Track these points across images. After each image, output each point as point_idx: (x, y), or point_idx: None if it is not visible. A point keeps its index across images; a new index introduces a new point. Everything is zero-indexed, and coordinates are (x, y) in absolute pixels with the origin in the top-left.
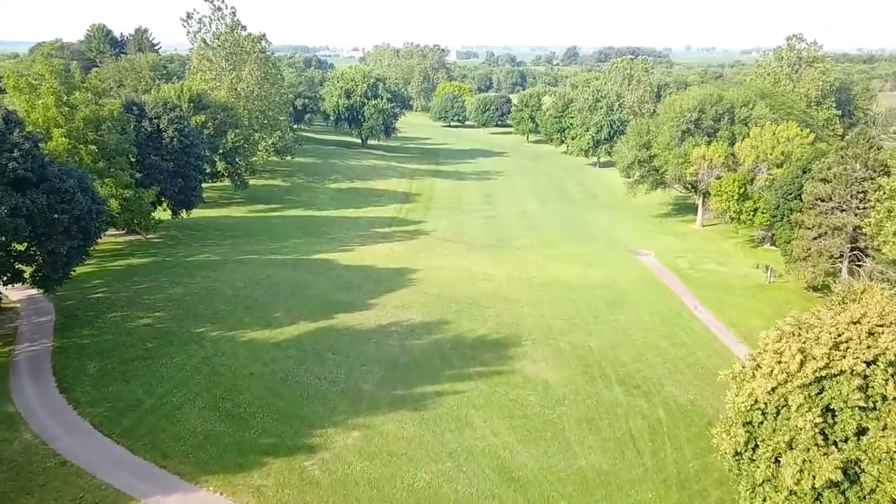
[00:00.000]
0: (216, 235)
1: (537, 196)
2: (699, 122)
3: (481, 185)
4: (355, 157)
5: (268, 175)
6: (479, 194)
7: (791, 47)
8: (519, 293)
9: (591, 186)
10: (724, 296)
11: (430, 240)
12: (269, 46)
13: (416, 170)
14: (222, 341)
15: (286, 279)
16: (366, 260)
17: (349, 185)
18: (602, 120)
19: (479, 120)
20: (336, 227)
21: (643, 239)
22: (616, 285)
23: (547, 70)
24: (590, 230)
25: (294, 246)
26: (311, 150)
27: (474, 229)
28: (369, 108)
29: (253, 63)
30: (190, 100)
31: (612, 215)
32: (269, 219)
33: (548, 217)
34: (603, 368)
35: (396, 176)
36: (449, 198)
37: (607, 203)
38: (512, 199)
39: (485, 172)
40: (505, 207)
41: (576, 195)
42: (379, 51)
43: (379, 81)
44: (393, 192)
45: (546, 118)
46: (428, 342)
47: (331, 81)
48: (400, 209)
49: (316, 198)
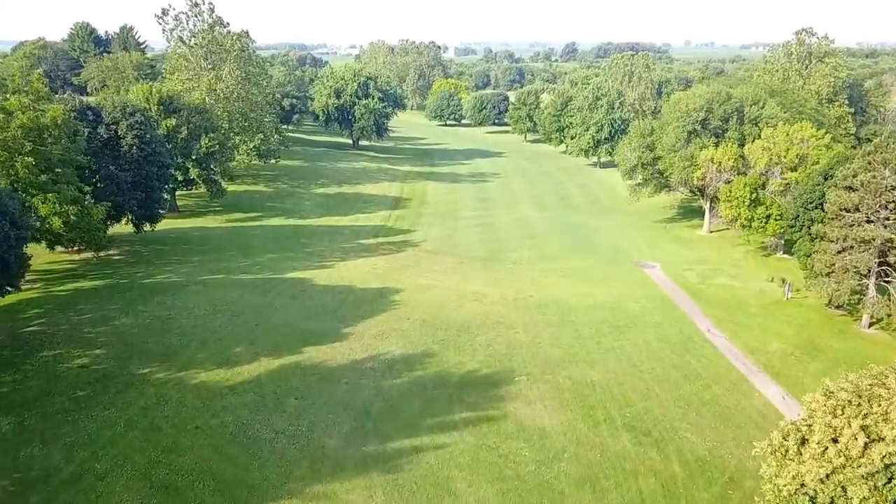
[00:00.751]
0: (184, 251)
1: (536, 200)
2: (706, 123)
3: (477, 188)
4: (345, 159)
5: (250, 180)
6: (474, 199)
7: (800, 42)
8: (513, 316)
9: (591, 189)
10: (739, 315)
11: (418, 253)
12: (252, 44)
13: (409, 172)
14: (168, 386)
15: (253, 305)
16: (345, 278)
17: (336, 189)
18: (602, 119)
19: (475, 119)
20: (317, 238)
21: (648, 248)
22: (620, 305)
23: (545, 67)
24: (591, 239)
25: (268, 263)
26: (299, 152)
27: (467, 239)
28: (360, 108)
29: (233, 62)
30: (160, 102)
31: (615, 221)
32: (246, 230)
33: (546, 224)
34: (607, 410)
35: (388, 179)
36: (442, 203)
37: (609, 207)
38: (509, 203)
39: (481, 174)
40: (501, 213)
41: (576, 199)
42: (374, 48)
43: (370, 80)
44: (383, 198)
45: (544, 117)
46: (407, 381)
47: (320, 80)
48: (389, 217)
49: (300, 205)
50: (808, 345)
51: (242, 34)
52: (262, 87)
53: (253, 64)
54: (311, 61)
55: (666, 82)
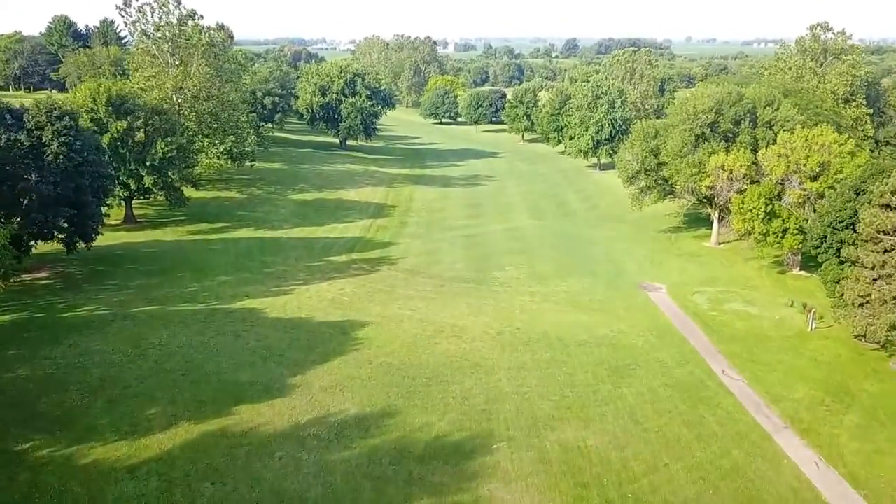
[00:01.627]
0: (126, 272)
1: (531, 207)
2: (716, 126)
3: (469, 192)
4: (330, 161)
5: (222, 185)
6: (464, 205)
7: (815, 37)
8: (496, 357)
9: (591, 194)
10: (758, 351)
11: (394, 273)
12: (229, 39)
13: (398, 175)
14: (50, 468)
15: (185, 347)
16: (304, 308)
17: (316, 195)
18: (603, 118)
19: (470, 117)
20: (284, 254)
21: (652, 265)
22: (622, 339)
23: (545, 63)
24: (589, 254)
25: (218, 288)
26: (280, 153)
27: (452, 255)
28: (346, 107)
29: (201, 58)
30: (109, 103)
31: (616, 231)
32: (205, 245)
33: (541, 236)
34: (605, 489)
35: (373, 183)
36: (429, 210)
37: (609, 214)
38: (502, 210)
39: (474, 177)
40: (493, 223)
41: (574, 205)
42: (369, 43)
43: (357, 77)
44: (365, 204)
45: (542, 116)
46: (359, 454)
47: (304, 77)
48: (369, 227)
49: (274, 213)
50: (840, 389)
51: (217, 28)
52: (237, 84)
53: (228, 60)
54: (306, 57)
55: (668, 79)
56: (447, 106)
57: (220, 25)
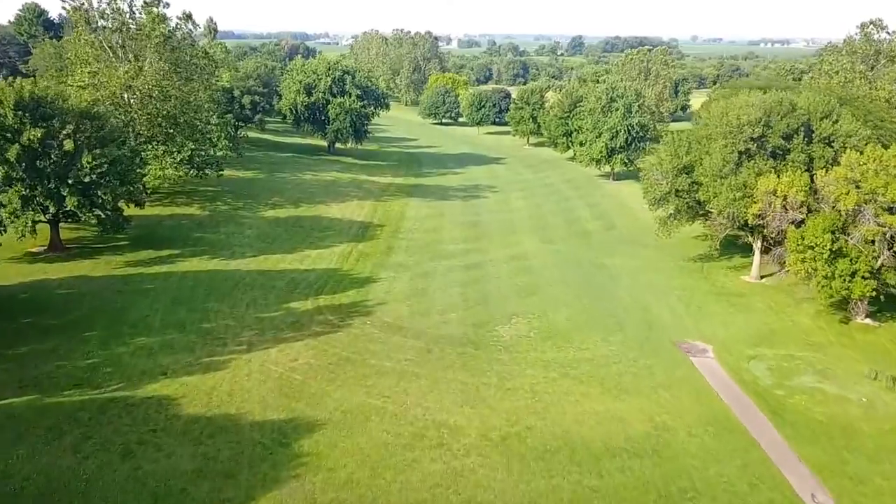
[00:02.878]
0: (16, 332)
1: (538, 225)
2: (763, 141)
3: (468, 207)
4: (314, 168)
5: (182, 199)
6: (462, 224)
7: (867, 37)
8: (497, 485)
9: (605, 210)
10: (851, 456)
11: (368, 331)
12: (197, 29)
13: (389, 186)
14: None
15: (36, 480)
16: (236, 397)
17: (291, 212)
18: (618, 124)
19: (472, 118)
20: (235, 298)
21: (688, 309)
22: (669, 443)
23: (551, 61)
24: (613, 294)
25: (131, 357)
26: (258, 159)
27: (445, 298)
28: (334, 108)
29: (154, 51)
30: (18, 106)
31: (639, 259)
32: (140, 283)
33: (552, 266)
34: None
35: (360, 196)
36: (421, 231)
37: (629, 237)
38: (506, 230)
39: (474, 188)
40: (495, 247)
41: (587, 224)
42: (367, 38)
43: (346, 74)
44: (347, 224)
45: (549, 119)
46: None
47: (288, 75)
48: (348, 254)
49: (237, 235)
50: None
51: (183, 17)
52: (208, 82)
53: (197, 54)
54: (304, 51)
55: (683, 80)
56: (448, 106)
57: (188, 15)
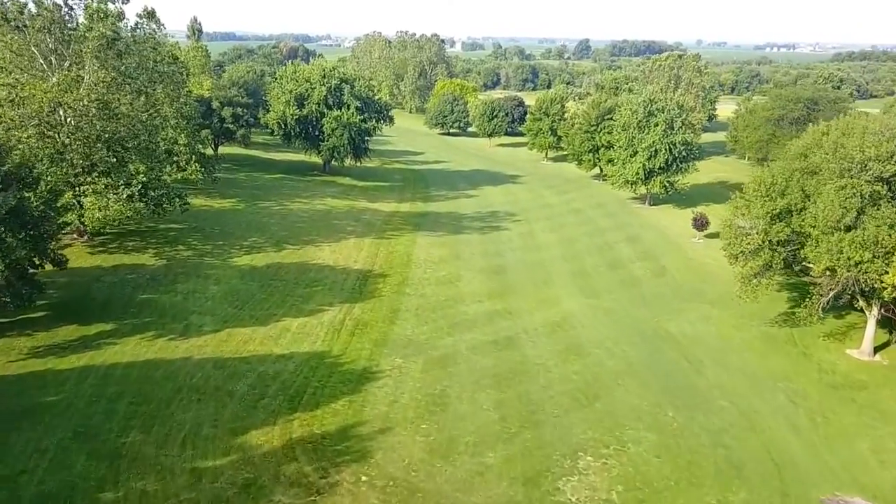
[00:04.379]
0: None
1: (577, 271)
2: (894, 182)
3: (487, 244)
4: (305, 193)
5: (134, 243)
6: (483, 272)
7: None
8: None
9: (649, 244)
10: None
11: (361, 500)
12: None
13: (393, 215)
14: None
15: None
16: None
17: (273, 257)
18: (658, 142)
19: (484, 129)
20: (163, 426)
21: (812, 420)
22: None
23: (561, 65)
24: (706, 398)
25: None
26: (240, 182)
27: (474, 415)
28: (329, 122)
29: (93, 57)
30: None
31: (711, 323)
32: (35, 391)
33: (611, 343)
34: None
35: (357, 231)
36: (434, 282)
37: (685, 283)
38: (538, 280)
39: (492, 216)
40: (529, 309)
41: (632, 266)
42: (369, 40)
43: (345, 83)
44: (342, 274)
45: (573, 133)
46: None
47: (277, 83)
48: (339, 327)
49: (198, 297)
50: None
51: (144, 15)
52: (175, 93)
53: (162, 60)
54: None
55: (710, 88)
56: (456, 115)
57: (149, 12)
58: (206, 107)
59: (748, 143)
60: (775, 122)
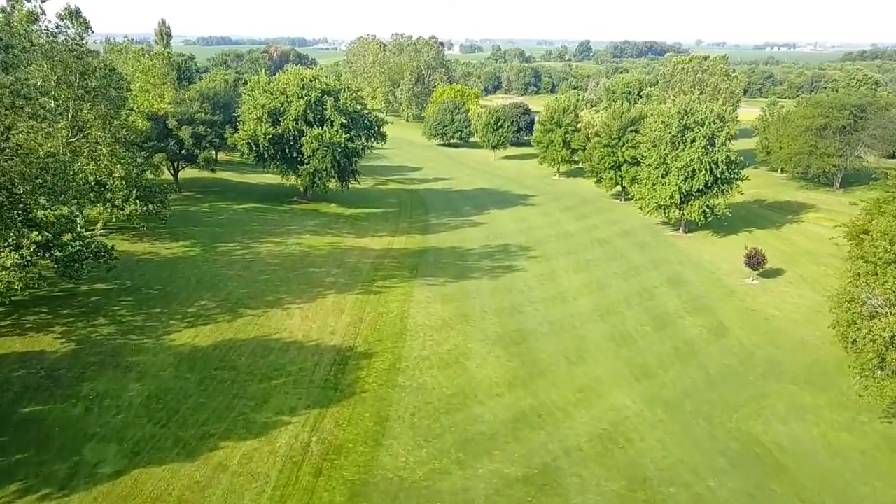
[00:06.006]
0: None
1: (616, 335)
2: None
3: (501, 296)
4: (279, 229)
5: (38, 316)
6: (499, 343)
7: None
8: None
9: (697, 289)
10: None
11: None
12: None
13: (385, 255)
14: None
15: None
16: None
17: (223, 330)
18: (697, 160)
19: (489, 141)
20: None
21: None
22: None
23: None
24: None
25: None
26: (200, 216)
27: None
28: (309, 141)
29: None
30: None
31: (811, 421)
32: None
33: (677, 465)
34: None
35: (339, 283)
36: (435, 365)
37: (754, 348)
38: (571, 356)
39: (503, 252)
40: (564, 411)
41: (686, 323)
42: (362, 43)
43: (327, 95)
44: (312, 355)
45: (592, 147)
46: None
47: (247, 95)
48: (300, 460)
49: (106, 408)
50: None
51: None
52: (101, 113)
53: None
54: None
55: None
56: (457, 124)
57: (72, 12)
58: (161, 126)
59: (784, 156)
60: (816, 131)
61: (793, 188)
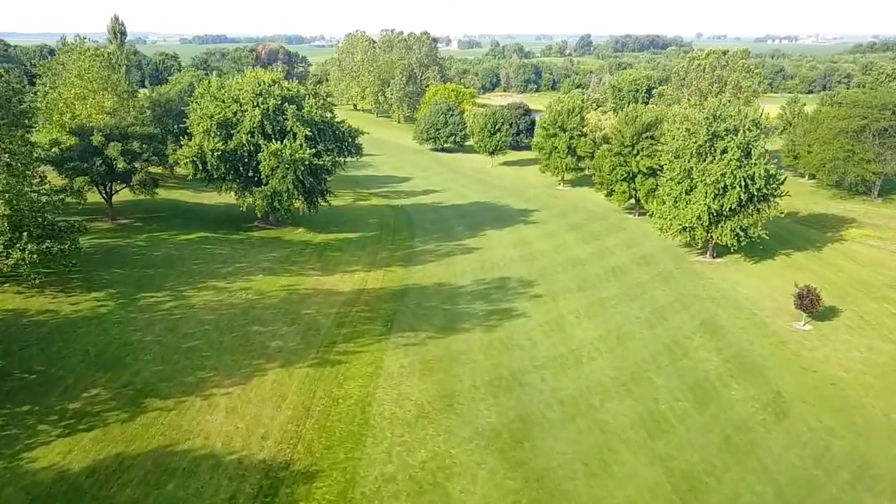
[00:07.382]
0: None
1: (646, 416)
2: None
3: (496, 359)
4: (226, 268)
5: None
6: (492, 444)
7: None
8: None
9: (739, 342)
10: None
11: None
12: None
13: (355, 300)
14: None
15: None
16: None
17: (113, 438)
18: (730, 174)
19: (485, 146)
20: None
21: None
22: None
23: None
24: None
25: None
26: (134, 252)
27: None
28: (267, 158)
29: None
30: None
31: None
32: None
33: None
34: None
35: (287, 350)
36: (402, 493)
37: (826, 433)
38: (590, 455)
39: (500, 289)
40: None
41: (729, 394)
42: (351, 40)
43: (289, 103)
44: (231, 479)
45: (602, 157)
46: None
47: (194, 103)
48: None
49: None
50: None
51: None
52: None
53: None
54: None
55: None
56: (451, 127)
57: None
58: (86, 145)
59: (816, 161)
60: (853, 134)
61: (825, 197)
